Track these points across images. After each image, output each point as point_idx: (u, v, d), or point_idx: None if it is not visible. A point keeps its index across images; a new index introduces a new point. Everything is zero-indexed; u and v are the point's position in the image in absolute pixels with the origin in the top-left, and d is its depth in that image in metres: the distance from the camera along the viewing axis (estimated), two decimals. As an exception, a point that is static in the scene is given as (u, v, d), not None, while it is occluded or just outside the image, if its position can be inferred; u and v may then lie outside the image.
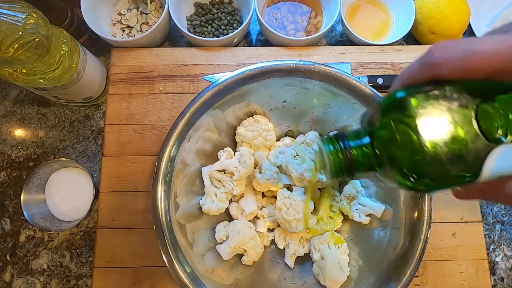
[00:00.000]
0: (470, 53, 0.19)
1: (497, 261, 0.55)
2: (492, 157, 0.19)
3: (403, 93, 0.21)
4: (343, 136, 0.24)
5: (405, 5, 0.61)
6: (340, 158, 0.24)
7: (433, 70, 0.20)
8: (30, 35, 0.40)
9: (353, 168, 0.24)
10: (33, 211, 0.53)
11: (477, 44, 0.18)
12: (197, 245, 0.46)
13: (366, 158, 0.23)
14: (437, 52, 0.20)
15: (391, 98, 0.22)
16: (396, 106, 0.21)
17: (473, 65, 0.19)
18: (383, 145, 0.22)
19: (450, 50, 0.19)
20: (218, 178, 0.49)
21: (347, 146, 0.24)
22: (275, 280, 0.49)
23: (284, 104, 0.51)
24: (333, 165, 0.24)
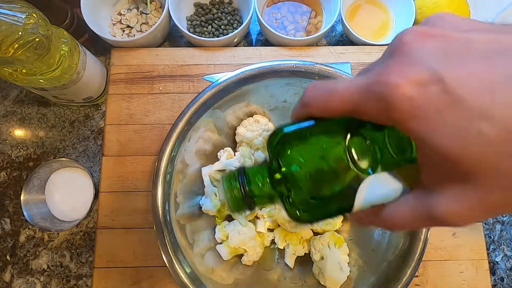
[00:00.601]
0: (328, 94, 0.19)
1: (497, 261, 0.55)
2: (362, 188, 0.21)
3: (286, 129, 0.22)
4: (241, 171, 0.25)
5: (405, 5, 0.61)
6: (236, 194, 0.24)
7: (306, 109, 0.21)
8: (30, 35, 0.40)
9: (251, 202, 0.24)
10: (33, 211, 0.53)
11: (336, 84, 0.19)
12: (197, 245, 0.46)
13: (263, 191, 0.24)
14: (307, 92, 0.21)
15: (276, 133, 0.23)
16: (278, 141, 0.22)
17: (332, 106, 0.19)
18: (272, 178, 0.23)
19: (315, 91, 0.20)
20: (218, 178, 0.49)
21: (241, 181, 0.24)
22: (275, 280, 0.49)
23: (284, 104, 0.51)
24: (230, 202, 0.25)
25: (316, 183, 0.21)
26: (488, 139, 0.15)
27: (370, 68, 0.19)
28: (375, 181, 0.21)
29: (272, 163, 0.23)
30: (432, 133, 0.16)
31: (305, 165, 0.21)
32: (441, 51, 0.16)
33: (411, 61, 0.16)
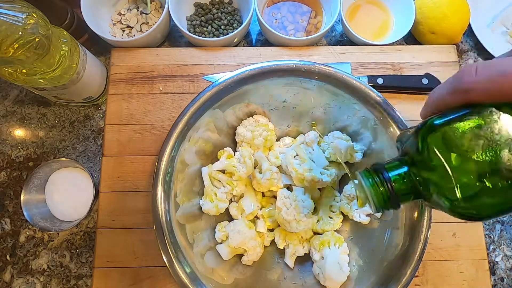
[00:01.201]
0: (502, 76, 0.18)
1: (497, 261, 0.55)
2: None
3: (440, 120, 0.21)
4: (381, 168, 0.24)
5: (405, 5, 0.61)
6: (381, 191, 0.24)
7: (464, 96, 0.19)
8: (30, 35, 0.40)
9: (397, 199, 0.23)
10: (33, 211, 0.53)
11: (507, 65, 0.18)
12: (197, 245, 0.46)
13: (409, 188, 0.23)
14: (467, 76, 0.19)
15: (428, 125, 0.21)
16: (435, 133, 0.21)
17: (506, 88, 0.18)
18: (426, 174, 0.22)
19: (480, 74, 0.18)
20: (218, 178, 0.49)
21: (386, 178, 0.23)
22: (275, 280, 0.49)
23: (284, 104, 0.51)
24: (376, 199, 0.24)
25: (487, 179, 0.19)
26: None
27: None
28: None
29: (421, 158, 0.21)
30: None
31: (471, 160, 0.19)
32: None
33: None
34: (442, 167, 0.20)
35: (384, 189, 0.23)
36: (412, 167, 0.23)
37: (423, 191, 0.23)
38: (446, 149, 0.20)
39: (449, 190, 0.20)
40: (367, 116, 0.47)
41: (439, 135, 0.21)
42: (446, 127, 0.20)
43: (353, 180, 0.30)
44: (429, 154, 0.21)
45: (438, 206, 0.22)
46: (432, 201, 0.23)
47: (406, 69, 0.59)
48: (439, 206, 0.22)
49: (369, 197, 0.24)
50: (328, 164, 0.50)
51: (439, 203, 0.22)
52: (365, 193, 0.25)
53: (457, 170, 0.20)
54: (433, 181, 0.21)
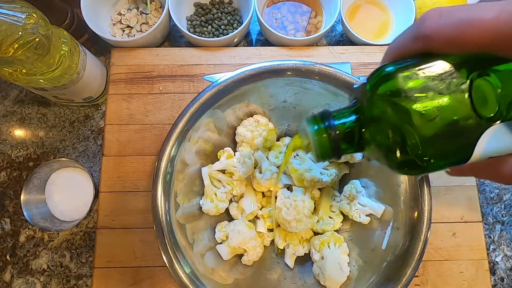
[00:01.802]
0: (466, 23, 0.16)
1: (497, 261, 0.55)
2: (484, 138, 0.18)
3: (392, 67, 0.20)
4: (329, 115, 0.23)
5: (405, 5, 0.61)
6: (324, 138, 0.22)
7: (424, 43, 0.18)
8: (30, 35, 0.40)
9: (339, 148, 0.22)
10: (33, 211, 0.53)
11: (474, 12, 0.16)
12: (197, 245, 0.46)
13: (353, 137, 0.22)
14: (429, 21, 0.18)
15: (379, 73, 0.20)
16: (385, 82, 0.20)
17: (468, 37, 0.16)
18: (370, 123, 0.21)
19: (444, 19, 0.17)
20: (218, 178, 0.49)
21: (332, 125, 0.22)
22: (275, 280, 0.49)
23: (284, 104, 0.51)
24: (318, 146, 0.23)
25: (429, 132, 0.19)
26: None
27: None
28: (500, 131, 0.18)
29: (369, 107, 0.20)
30: None
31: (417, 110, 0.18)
32: None
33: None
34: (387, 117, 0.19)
35: (326, 136, 0.22)
36: (359, 116, 0.22)
37: (366, 141, 0.22)
38: (393, 98, 0.19)
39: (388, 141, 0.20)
40: (367, 116, 0.46)
41: (388, 83, 0.20)
42: (395, 74, 0.19)
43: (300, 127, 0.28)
44: (376, 101, 0.20)
45: (378, 158, 0.21)
46: (373, 152, 0.22)
47: (406, 69, 0.59)
48: (379, 158, 0.21)
49: (311, 143, 0.23)
50: (328, 164, 0.50)
51: (380, 155, 0.21)
52: (308, 139, 0.24)
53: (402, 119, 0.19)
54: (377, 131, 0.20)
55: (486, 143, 0.19)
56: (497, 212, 0.57)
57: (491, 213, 0.57)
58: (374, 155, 0.22)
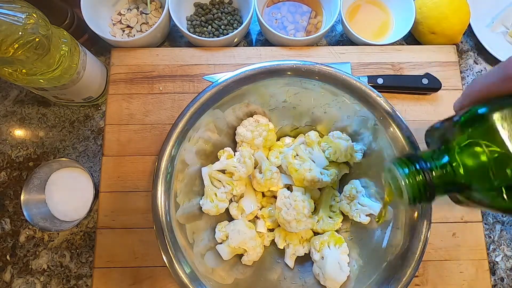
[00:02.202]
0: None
1: (497, 261, 0.55)
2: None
3: (486, 109, 0.19)
4: (418, 157, 0.22)
5: (405, 5, 0.61)
6: (418, 181, 0.22)
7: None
8: (30, 35, 0.40)
9: (433, 191, 0.22)
10: (33, 211, 0.53)
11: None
12: (197, 245, 0.46)
13: (448, 179, 0.21)
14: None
15: (471, 114, 0.20)
16: (478, 122, 0.19)
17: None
18: (469, 164, 0.20)
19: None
20: (218, 178, 0.49)
21: (424, 167, 0.22)
22: (275, 280, 0.49)
23: (284, 104, 0.51)
24: (411, 189, 0.22)
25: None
26: None
27: None
28: None
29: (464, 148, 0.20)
30: None
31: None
32: None
33: None
34: (489, 158, 0.19)
35: (421, 179, 0.22)
36: (453, 158, 0.21)
37: (463, 184, 0.21)
38: (495, 139, 0.19)
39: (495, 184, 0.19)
40: (367, 116, 0.47)
41: (485, 124, 0.19)
42: (493, 115, 0.19)
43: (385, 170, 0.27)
44: (475, 144, 0.19)
45: (477, 202, 0.21)
46: (471, 195, 0.21)
47: (406, 69, 0.59)
48: (479, 201, 0.21)
49: (403, 187, 0.22)
50: (328, 164, 0.50)
51: (481, 198, 0.20)
52: (397, 184, 0.23)
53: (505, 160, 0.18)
54: (477, 173, 0.20)
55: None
56: (497, 212, 0.57)
57: (491, 213, 0.57)
58: (473, 196, 0.21)
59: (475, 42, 0.65)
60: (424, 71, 0.58)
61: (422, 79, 0.56)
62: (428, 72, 0.57)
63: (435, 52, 0.59)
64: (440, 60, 0.59)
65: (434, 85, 0.56)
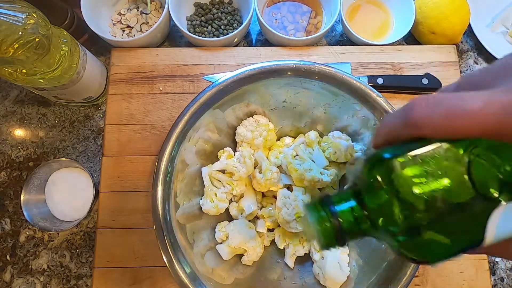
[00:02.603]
0: (453, 114, 0.17)
1: (497, 261, 0.55)
2: (494, 220, 0.18)
3: (388, 154, 0.20)
4: (328, 201, 0.22)
5: (405, 5, 0.61)
6: (328, 227, 0.21)
7: (414, 130, 0.18)
8: (30, 35, 0.40)
9: (344, 235, 0.21)
10: (33, 211, 0.53)
11: (460, 102, 0.17)
12: (197, 245, 0.46)
13: (356, 223, 0.21)
14: (417, 110, 0.18)
15: (375, 158, 0.20)
16: (381, 167, 0.20)
17: (457, 127, 0.17)
18: (372, 209, 0.20)
19: (431, 109, 0.18)
20: (218, 178, 0.49)
21: (333, 211, 0.21)
22: (275, 280, 0.49)
23: (284, 104, 0.51)
24: (321, 235, 0.21)
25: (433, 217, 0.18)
26: None
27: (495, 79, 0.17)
28: (509, 210, 0.18)
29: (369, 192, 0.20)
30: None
31: (419, 196, 0.18)
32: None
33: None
34: (388, 203, 0.19)
35: (330, 225, 0.21)
36: (360, 202, 0.21)
37: (370, 227, 0.21)
38: (393, 185, 0.19)
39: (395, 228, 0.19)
40: (367, 116, 0.47)
41: (386, 169, 0.19)
42: (393, 161, 0.19)
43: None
44: (376, 189, 0.19)
45: (388, 245, 0.20)
46: (381, 238, 0.21)
47: (406, 69, 0.59)
48: (388, 244, 0.20)
49: (314, 233, 0.22)
50: (328, 164, 0.50)
51: (387, 241, 0.20)
52: (310, 228, 0.22)
53: (404, 207, 0.18)
54: (379, 218, 0.20)
55: (497, 225, 0.18)
56: (497, 212, 0.57)
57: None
58: (382, 240, 0.21)
59: (475, 42, 0.65)
60: (424, 71, 0.58)
61: (422, 79, 0.56)
62: (428, 72, 0.57)
63: (435, 52, 0.59)
64: (440, 60, 0.59)
65: (434, 85, 0.56)
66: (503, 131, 0.16)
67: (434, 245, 0.19)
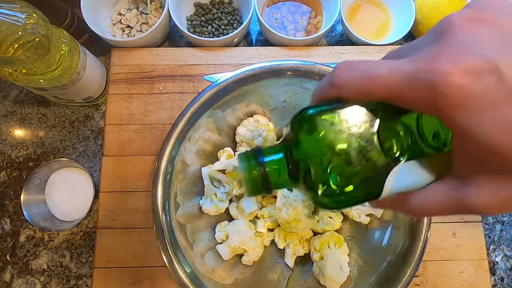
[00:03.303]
0: (366, 77, 0.19)
1: (497, 261, 0.55)
2: (391, 176, 0.20)
3: (313, 110, 0.22)
4: (259, 152, 0.24)
5: (405, 5, 0.61)
6: (254, 175, 0.24)
7: (336, 91, 0.20)
8: (30, 35, 0.40)
9: (269, 185, 0.24)
10: (33, 211, 0.53)
11: (373, 68, 0.18)
12: (197, 245, 0.46)
13: (280, 174, 0.23)
14: (339, 72, 0.20)
15: (302, 115, 0.22)
16: (305, 124, 0.22)
17: (369, 90, 0.19)
18: (294, 160, 0.23)
19: (350, 72, 0.20)
20: (218, 178, 0.49)
21: (261, 162, 0.24)
22: (275, 280, 0.49)
23: (284, 104, 0.51)
24: (248, 182, 0.24)
25: (343, 169, 0.21)
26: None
27: (410, 51, 0.19)
28: (404, 169, 0.20)
29: (293, 146, 0.22)
30: (481, 125, 0.15)
31: (332, 150, 0.21)
32: (495, 38, 0.16)
33: (463, 48, 0.16)
34: (307, 155, 0.21)
35: (257, 173, 0.24)
36: (287, 154, 0.24)
37: (293, 178, 0.23)
38: (310, 138, 0.21)
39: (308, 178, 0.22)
40: (367, 116, 0.47)
41: (308, 125, 0.22)
42: (314, 117, 0.22)
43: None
44: (299, 141, 0.22)
45: (305, 195, 0.23)
46: (299, 189, 0.23)
47: (406, 69, 0.59)
48: (305, 194, 0.23)
49: (243, 180, 0.24)
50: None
51: (304, 191, 0.23)
52: (241, 176, 0.25)
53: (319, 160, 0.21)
54: (299, 169, 0.22)
55: (393, 181, 0.21)
56: (497, 212, 0.57)
57: (491, 213, 0.57)
58: (300, 191, 0.24)
59: (475, 42, 0.65)
60: (424, 71, 0.58)
61: (422, 79, 0.56)
62: (428, 72, 0.57)
63: (435, 52, 0.59)
64: (440, 60, 0.59)
65: (434, 85, 0.56)
66: (403, 96, 0.17)
67: (343, 195, 0.21)
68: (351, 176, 0.21)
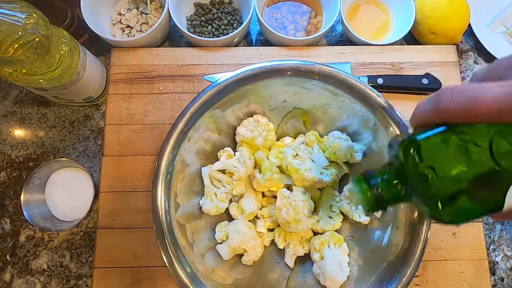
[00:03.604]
0: (474, 102, 0.20)
1: (497, 261, 0.55)
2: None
3: (422, 136, 0.24)
4: (371, 174, 0.27)
5: (405, 5, 0.61)
6: (369, 196, 0.27)
7: (442, 116, 0.22)
8: (30, 35, 0.40)
9: (384, 203, 0.27)
10: (33, 211, 0.53)
11: (479, 91, 0.20)
12: (197, 245, 0.46)
13: (393, 194, 0.26)
14: (444, 98, 0.22)
15: (411, 140, 0.24)
16: (416, 147, 0.24)
17: (477, 113, 0.20)
18: (407, 182, 0.25)
19: (457, 98, 0.21)
20: (218, 178, 0.49)
21: (374, 184, 0.27)
22: (275, 280, 0.49)
23: (284, 104, 0.51)
24: (365, 203, 0.27)
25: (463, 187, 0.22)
26: None
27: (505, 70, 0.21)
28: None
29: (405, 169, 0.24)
30: None
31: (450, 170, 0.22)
32: None
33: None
34: (422, 178, 0.23)
35: (371, 194, 0.27)
36: (397, 175, 0.26)
37: (406, 197, 0.26)
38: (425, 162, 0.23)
39: (427, 197, 0.24)
40: (367, 116, 0.47)
41: (419, 149, 0.24)
42: (425, 142, 0.24)
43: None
44: (410, 166, 0.24)
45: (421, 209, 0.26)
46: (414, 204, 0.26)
47: (406, 69, 0.59)
48: (422, 209, 0.25)
49: (359, 201, 0.28)
50: (328, 164, 0.50)
51: (421, 207, 0.25)
52: (356, 197, 0.28)
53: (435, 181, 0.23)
54: (414, 189, 0.25)
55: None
56: (497, 212, 0.57)
57: (491, 213, 0.57)
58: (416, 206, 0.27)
59: (475, 42, 0.65)
60: (424, 71, 0.58)
61: (422, 79, 0.57)
62: (428, 72, 0.57)
63: (435, 52, 0.59)
64: (440, 60, 0.59)
65: (434, 85, 0.56)
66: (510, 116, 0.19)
67: (463, 210, 0.23)
68: (472, 193, 0.22)
